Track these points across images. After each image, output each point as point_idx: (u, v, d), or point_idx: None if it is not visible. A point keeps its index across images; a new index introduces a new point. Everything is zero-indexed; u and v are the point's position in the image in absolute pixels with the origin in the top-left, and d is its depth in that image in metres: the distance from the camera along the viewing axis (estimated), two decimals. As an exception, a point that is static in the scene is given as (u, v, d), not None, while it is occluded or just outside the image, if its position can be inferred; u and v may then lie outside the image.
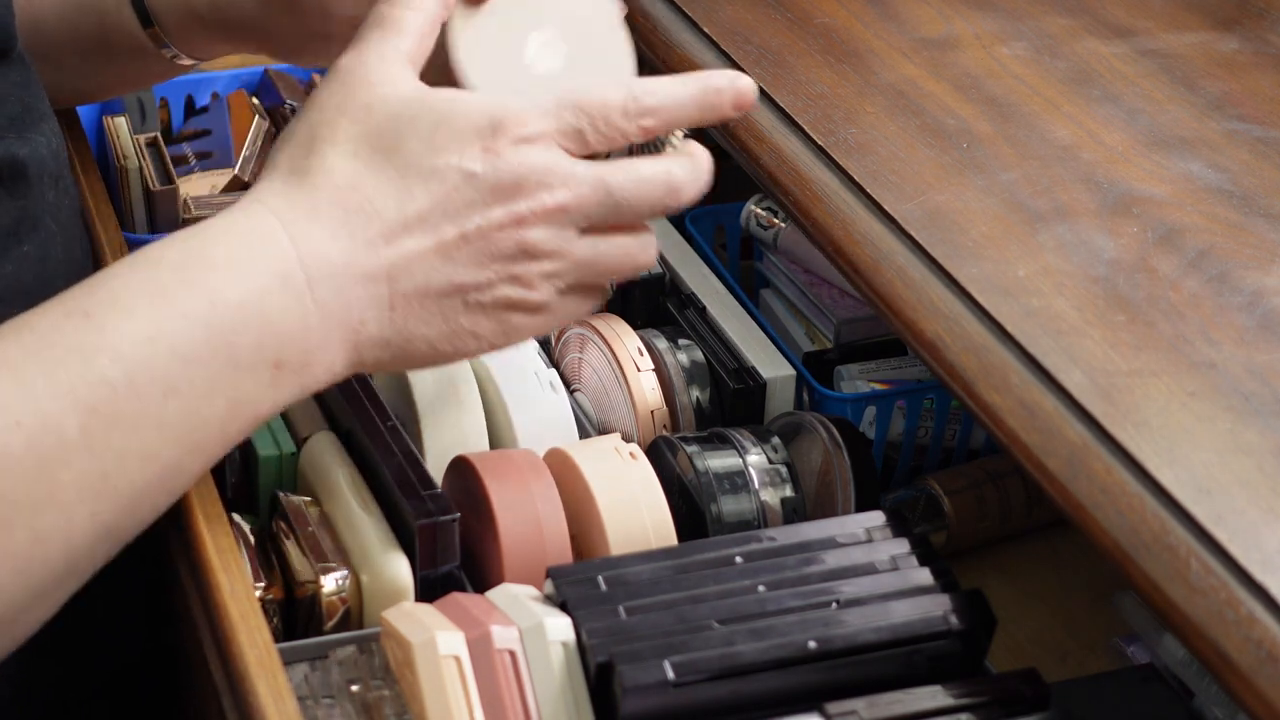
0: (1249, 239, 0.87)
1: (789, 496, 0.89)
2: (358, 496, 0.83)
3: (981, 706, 0.74)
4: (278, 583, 0.83)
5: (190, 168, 1.33)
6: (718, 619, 0.74)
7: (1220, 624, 0.65)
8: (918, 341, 0.82)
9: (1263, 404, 0.75)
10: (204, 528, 0.76)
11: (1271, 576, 0.66)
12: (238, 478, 0.91)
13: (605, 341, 0.98)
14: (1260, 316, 0.81)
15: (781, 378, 0.98)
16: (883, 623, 0.75)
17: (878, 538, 0.80)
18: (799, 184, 0.93)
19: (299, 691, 0.74)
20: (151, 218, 1.22)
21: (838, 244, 0.89)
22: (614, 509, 0.83)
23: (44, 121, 0.84)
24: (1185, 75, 1.04)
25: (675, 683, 0.71)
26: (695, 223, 1.19)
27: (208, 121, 1.35)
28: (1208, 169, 0.93)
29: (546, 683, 0.72)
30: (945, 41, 1.07)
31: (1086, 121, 0.98)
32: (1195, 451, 0.72)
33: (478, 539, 0.84)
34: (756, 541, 0.79)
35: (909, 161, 0.93)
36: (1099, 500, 0.71)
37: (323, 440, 0.88)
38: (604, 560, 0.78)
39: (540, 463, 0.85)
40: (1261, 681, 0.63)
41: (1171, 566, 0.68)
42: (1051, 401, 0.76)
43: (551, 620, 0.73)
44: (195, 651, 0.78)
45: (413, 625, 0.73)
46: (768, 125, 0.98)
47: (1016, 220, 0.88)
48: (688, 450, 0.89)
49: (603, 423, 1.00)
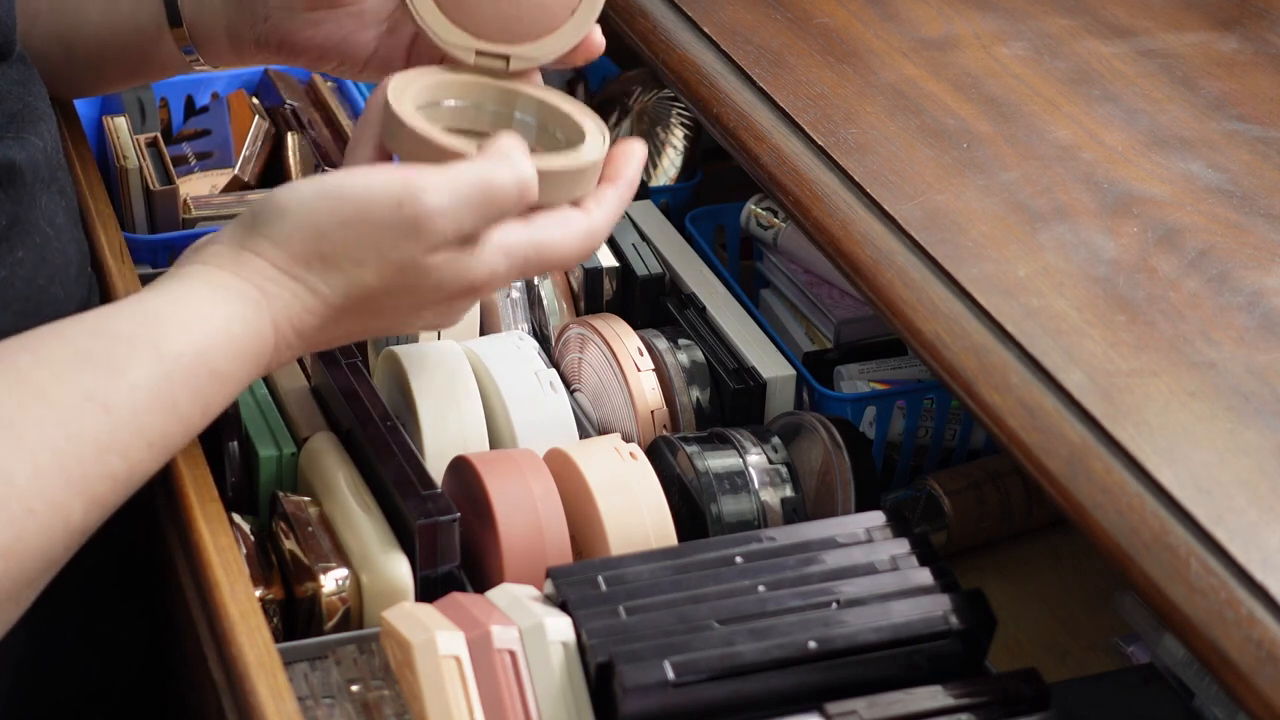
0: (1249, 239, 0.87)
1: (789, 496, 0.89)
2: (358, 496, 0.83)
3: (981, 706, 0.74)
4: (278, 583, 0.83)
5: (190, 168, 1.33)
6: (718, 619, 0.74)
7: (1220, 624, 0.65)
8: (918, 341, 0.82)
9: (1263, 404, 0.75)
10: (204, 528, 0.76)
11: (1271, 576, 0.66)
12: (238, 478, 0.91)
13: (605, 341, 0.98)
14: (1260, 316, 0.81)
15: (781, 378, 0.98)
16: (883, 623, 0.75)
17: (878, 538, 0.80)
18: (799, 184, 0.93)
19: (299, 691, 0.74)
20: (151, 218, 1.22)
21: (838, 244, 0.89)
22: (614, 509, 0.83)
23: (42, 122, 0.84)
24: (1185, 75, 1.04)
25: (675, 683, 0.71)
26: (695, 223, 1.19)
27: (208, 121, 1.35)
28: (1208, 169, 0.93)
29: (546, 683, 0.72)
30: (945, 41, 1.07)
31: (1086, 121, 0.98)
32: (1195, 451, 0.72)
33: (478, 539, 0.84)
34: (756, 541, 0.79)
35: (909, 161, 0.93)
36: (1099, 500, 0.71)
37: (323, 440, 0.88)
38: (604, 560, 0.78)
39: (540, 463, 0.85)
40: (1261, 681, 0.63)
41: (1171, 566, 0.68)
42: (1051, 401, 0.76)
43: (551, 620, 0.73)
44: (195, 651, 0.78)
45: (413, 625, 0.73)
46: (768, 125, 0.98)
47: (1016, 220, 0.88)
48: (688, 450, 0.89)
49: (603, 423, 1.00)
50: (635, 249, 1.07)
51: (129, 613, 0.95)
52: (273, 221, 0.76)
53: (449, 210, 0.75)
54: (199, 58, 0.97)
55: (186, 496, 0.77)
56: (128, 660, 0.95)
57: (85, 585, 0.88)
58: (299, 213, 0.76)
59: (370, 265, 0.76)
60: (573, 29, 0.87)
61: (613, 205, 0.83)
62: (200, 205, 1.22)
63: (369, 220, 0.75)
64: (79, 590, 0.84)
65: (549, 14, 0.86)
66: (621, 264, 1.06)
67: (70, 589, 0.77)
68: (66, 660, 0.90)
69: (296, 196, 0.77)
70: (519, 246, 0.79)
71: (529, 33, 0.87)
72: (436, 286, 0.77)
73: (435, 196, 0.75)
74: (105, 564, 0.89)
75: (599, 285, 1.08)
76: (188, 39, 0.95)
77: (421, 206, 0.75)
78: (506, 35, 0.87)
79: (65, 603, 0.85)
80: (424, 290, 0.78)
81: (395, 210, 0.75)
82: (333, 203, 0.76)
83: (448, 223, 0.76)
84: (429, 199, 0.75)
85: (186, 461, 0.79)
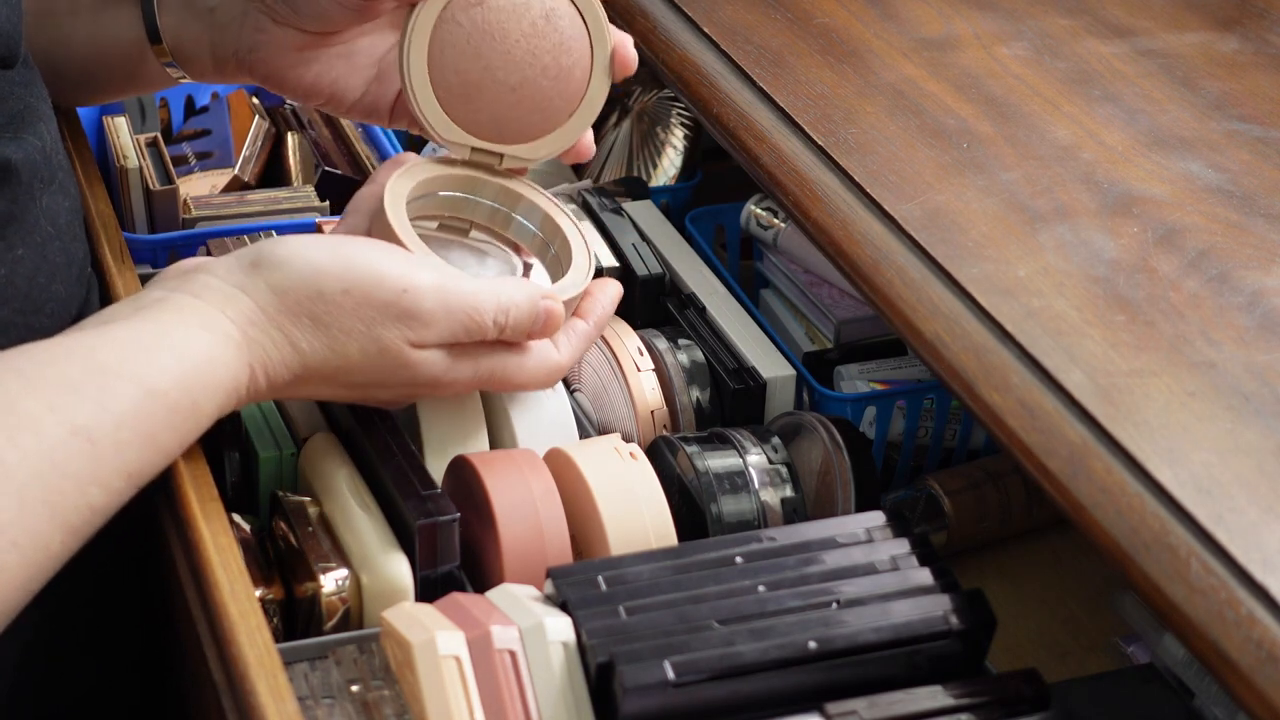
0: (1249, 239, 0.87)
1: (789, 496, 0.89)
2: (358, 496, 0.83)
3: (981, 706, 0.74)
4: (278, 583, 0.83)
5: (190, 168, 1.33)
6: (718, 619, 0.74)
7: (1220, 624, 0.65)
8: (918, 341, 0.82)
9: (1263, 404, 0.75)
10: (204, 528, 0.76)
11: (1271, 576, 0.66)
12: (237, 477, 0.91)
13: (605, 341, 0.98)
14: (1260, 316, 0.81)
15: (781, 378, 0.98)
16: (883, 623, 0.75)
17: (878, 538, 0.80)
18: (799, 184, 0.93)
19: (299, 691, 0.74)
20: (151, 218, 1.22)
21: (838, 244, 0.89)
22: (614, 509, 0.83)
23: (41, 123, 0.84)
24: (1185, 75, 1.04)
25: (675, 683, 0.71)
26: (695, 223, 1.19)
27: (208, 121, 1.35)
28: (1208, 169, 0.93)
29: (546, 683, 0.72)
30: (945, 41, 1.07)
31: (1086, 121, 0.98)
32: (1195, 451, 0.72)
33: (478, 539, 0.84)
34: (757, 541, 0.79)
35: (909, 161, 0.93)
36: (1099, 500, 0.71)
37: (323, 440, 0.88)
38: (604, 560, 0.78)
39: (540, 463, 0.85)
40: (1261, 681, 0.63)
41: (1171, 566, 0.68)
42: (1051, 401, 0.76)
43: (551, 620, 0.73)
44: (195, 651, 0.78)
45: (413, 625, 0.73)
46: (768, 125, 0.98)
47: (1016, 220, 0.88)
48: (688, 450, 0.89)
49: (603, 423, 1.00)
50: (635, 249, 1.07)
51: (129, 613, 0.95)
52: (277, 268, 0.78)
53: (444, 319, 0.80)
54: (184, 74, 0.96)
55: (186, 496, 0.77)
56: (128, 660, 0.95)
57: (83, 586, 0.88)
58: (305, 268, 0.78)
59: (357, 340, 0.79)
60: (566, 133, 0.91)
61: (581, 344, 0.88)
62: (200, 205, 1.22)
63: (371, 298, 0.78)
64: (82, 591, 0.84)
65: (545, 117, 0.91)
66: (621, 264, 1.06)
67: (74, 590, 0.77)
68: (68, 661, 0.90)
69: (306, 252, 0.79)
70: (488, 364, 0.83)
71: (524, 134, 0.91)
72: (409, 379, 0.81)
73: (436, 298, 0.79)
74: (108, 565, 0.89)
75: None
76: (169, 55, 0.95)
77: (424, 303, 0.79)
78: (502, 135, 0.91)
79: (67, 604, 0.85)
80: (394, 376, 0.81)
81: (398, 296, 0.79)
82: (342, 269, 0.79)
83: (442, 328, 0.80)
84: (430, 299, 0.79)
85: (186, 461, 0.79)
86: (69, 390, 0.71)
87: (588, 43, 0.90)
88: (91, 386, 0.72)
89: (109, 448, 0.71)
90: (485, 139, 0.90)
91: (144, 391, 0.73)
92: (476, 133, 0.90)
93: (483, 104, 0.89)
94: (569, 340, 0.87)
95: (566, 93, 0.90)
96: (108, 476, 0.71)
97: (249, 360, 0.77)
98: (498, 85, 0.89)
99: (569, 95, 0.90)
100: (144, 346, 0.74)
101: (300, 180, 1.28)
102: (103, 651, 0.93)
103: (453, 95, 0.89)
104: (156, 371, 0.73)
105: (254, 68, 0.93)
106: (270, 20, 0.91)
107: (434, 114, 0.89)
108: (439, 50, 0.88)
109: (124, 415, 0.72)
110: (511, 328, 0.83)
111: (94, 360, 0.73)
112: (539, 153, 0.91)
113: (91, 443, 0.71)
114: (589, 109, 0.91)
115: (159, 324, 0.76)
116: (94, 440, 0.71)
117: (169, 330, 0.75)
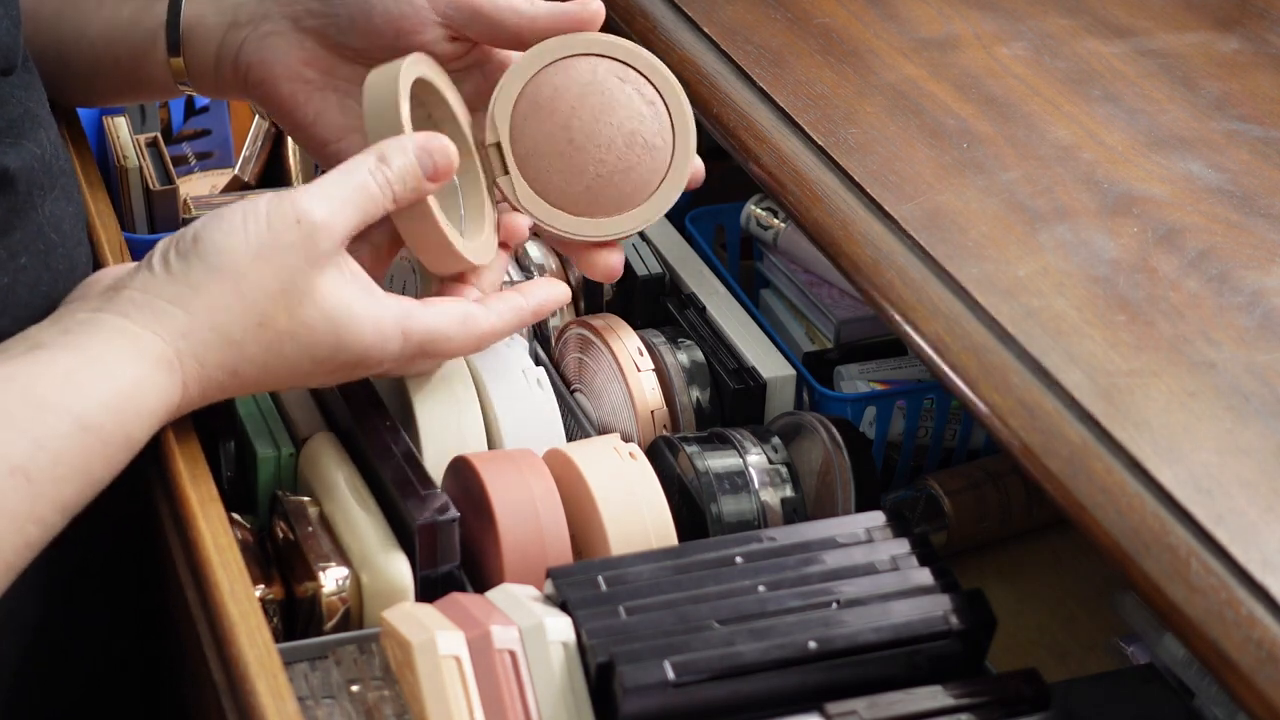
0: (1249, 239, 0.87)
1: (789, 496, 0.89)
2: (357, 496, 0.83)
3: (981, 706, 0.74)
4: (278, 583, 0.83)
5: (190, 168, 1.33)
6: (718, 619, 0.74)
7: (1220, 624, 0.65)
8: (918, 342, 0.82)
9: (1263, 404, 0.75)
10: (204, 528, 0.76)
11: (1271, 576, 0.66)
12: (233, 471, 0.91)
13: (605, 341, 0.98)
14: (1260, 316, 0.81)
15: (781, 378, 0.98)
16: (883, 623, 0.75)
17: (878, 538, 0.80)
18: (799, 184, 0.93)
19: (299, 691, 0.74)
20: (151, 218, 1.22)
21: (838, 244, 0.89)
22: (614, 509, 0.83)
23: (41, 129, 0.83)
24: (1185, 75, 1.04)
25: (675, 683, 0.71)
26: (695, 223, 1.19)
27: (208, 121, 1.35)
28: (1208, 169, 0.93)
29: (546, 683, 0.72)
30: (945, 41, 1.07)
31: (1086, 121, 0.98)
32: (1195, 451, 0.72)
33: (478, 539, 0.84)
34: (757, 541, 0.79)
35: (909, 161, 0.93)
36: (1099, 500, 0.71)
37: (322, 440, 0.88)
38: (604, 560, 0.78)
39: (540, 463, 0.85)
40: (1261, 681, 0.63)
41: (1171, 566, 0.68)
42: (1051, 401, 0.76)
43: (551, 620, 0.73)
44: (195, 651, 0.78)
45: (413, 625, 0.73)
46: (768, 125, 0.98)
47: (1016, 220, 0.88)
48: (688, 450, 0.89)
49: (603, 423, 1.00)
50: (635, 249, 1.07)
51: (129, 613, 0.95)
52: (200, 259, 0.77)
53: (339, 211, 0.78)
54: (188, 80, 0.96)
55: (186, 496, 0.77)
56: (128, 660, 0.95)
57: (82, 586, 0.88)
58: (219, 259, 0.76)
59: (304, 370, 0.79)
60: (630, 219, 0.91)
61: (512, 315, 0.85)
62: (200, 205, 1.22)
63: (277, 243, 0.77)
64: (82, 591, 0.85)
65: (625, 197, 0.91)
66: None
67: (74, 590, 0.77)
68: (68, 661, 0.90)
69: (223, 241, 0.77)
70: (417, 332, 0.81)
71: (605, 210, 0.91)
72: (331, 331, 0.79)
73: (321, 200, 0.78)
74: (108, 565, 0.89)
75: (599, 285, 1.08)
76: (185, 73, 0.95)
77: (315, 212, 0.77)
78: (584, 206, 0.90)
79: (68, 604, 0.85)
80: (328, 366, 0.80)
81: (293, 225, 0.77)
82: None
83: (336, 225, 0.78)
84: (318, 202, 0.77)
85: (186, 461, 0.79)
86: (5, 425, 0.70)
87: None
88: (26, 421, 0.71)
89: (47, 484, 0.71)
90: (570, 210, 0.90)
91: (79, 426, 0.72)
92: (562, 207, 0.90)
93: (566, 183, 0.89)
94: (498, 307, 0.85)
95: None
96: (44, 512, 0.71)
97: (182, 379, 0.76)
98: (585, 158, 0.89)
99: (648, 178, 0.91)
100: (76, 379, 0.73)
101: (300, 180, 1.29)
102: (103, 651, 0.93)
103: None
104: (93, 405, 0.72)
105: (250, 70, 0.92)
106: (291, 24, 0.91)
107: (524, 193, 0.89)
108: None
109: (60, 452, 0.71)
110: (397, 175, 0.80)
111: (30, 394, 0.71)
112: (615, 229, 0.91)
113: (29, 480, 0.70)
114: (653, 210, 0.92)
115: (88, 353, 0.74)
116: (31, 478, 0.70)
117: (99, 358, 0.74)
